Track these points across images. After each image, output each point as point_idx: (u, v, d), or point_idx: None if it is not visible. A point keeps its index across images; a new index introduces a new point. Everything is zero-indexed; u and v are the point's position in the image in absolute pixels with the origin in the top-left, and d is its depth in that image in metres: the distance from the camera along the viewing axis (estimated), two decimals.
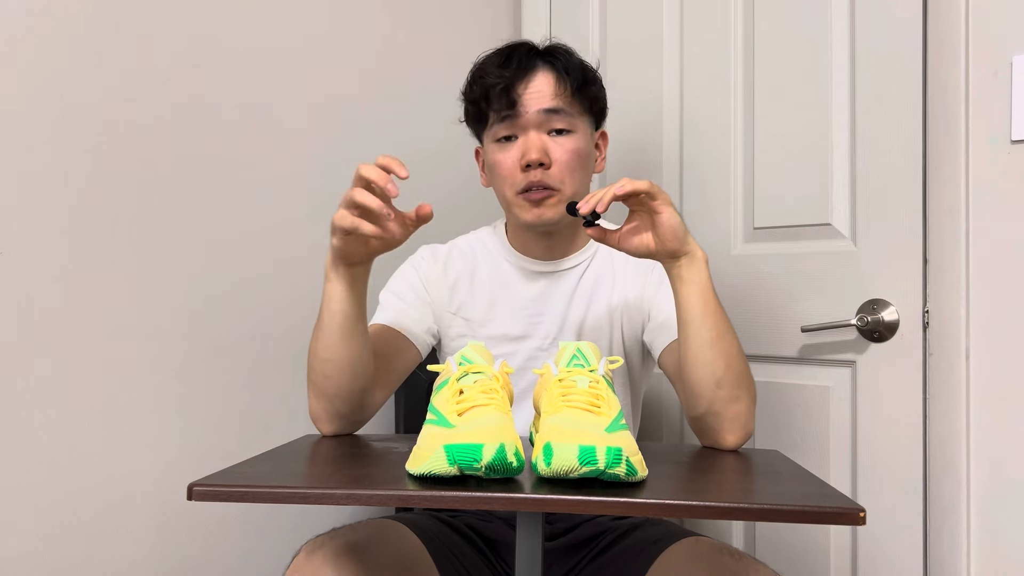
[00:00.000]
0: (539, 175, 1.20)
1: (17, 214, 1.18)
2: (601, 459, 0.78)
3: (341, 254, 1.03)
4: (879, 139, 1.39)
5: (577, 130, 1.23)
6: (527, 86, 1.21)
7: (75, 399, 1.24)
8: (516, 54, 1.23)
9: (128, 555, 1.29)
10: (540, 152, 1.20)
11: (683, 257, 1.06)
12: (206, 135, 1.39)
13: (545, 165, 1.20)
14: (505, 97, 1.20)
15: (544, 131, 1.21)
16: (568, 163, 1.21)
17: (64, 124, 1.22)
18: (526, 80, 1.21)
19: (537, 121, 1.21)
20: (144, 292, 1.31)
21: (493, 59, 1.24)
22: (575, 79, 1.22)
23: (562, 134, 1.22)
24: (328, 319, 1.07)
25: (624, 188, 1.01)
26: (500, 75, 1.21)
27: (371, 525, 1.10)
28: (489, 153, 1.27)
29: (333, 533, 1.04)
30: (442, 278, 1.31)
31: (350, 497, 0.81)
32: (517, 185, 1.22)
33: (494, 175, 1.26)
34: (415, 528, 1.12)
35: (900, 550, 1.36)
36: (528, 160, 1.20)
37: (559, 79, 1.21)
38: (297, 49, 1.52)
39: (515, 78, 1.20)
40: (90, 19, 1.25)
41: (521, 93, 1.20)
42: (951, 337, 1.31)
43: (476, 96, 1.24)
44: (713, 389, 1.07)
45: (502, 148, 1.23)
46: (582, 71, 1.24)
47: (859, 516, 0.76)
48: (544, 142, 1.21)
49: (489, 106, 1.22)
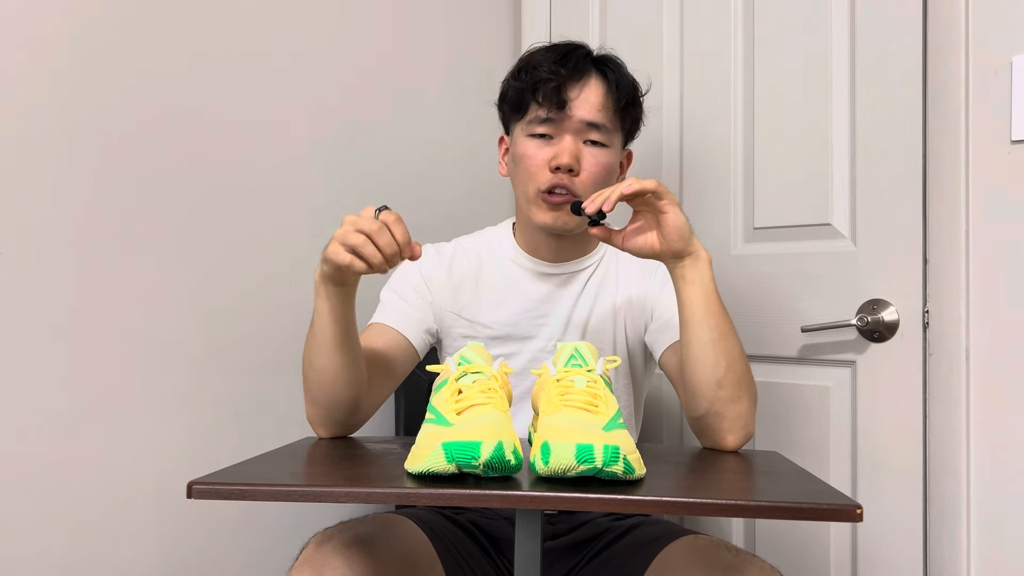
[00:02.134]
0: (566, 179, 1.20)
1: (17, 214, 1.18)
2: (599, 457, 0.78)
3: (330, 278, 1.04)
4: (879, 139, 1.39)
5: (611, 145, 1.24)
6: (579, 92, 1.20)
7: (75, 399, 1.24)
8: (574, 55, 1.22)
9: (128, 555, 1.29)
10: (573, 158, 1.20)
11: (687, 257, 1.06)
12: (208, 139, 1.39)
13: (575, 171, 1.20)
14: (556, 96, 1.19)
15: (581, 139, 1.21)
16: (596, 175, 1.21)
17: (66, 126, 1.23)
18: (580, 85, 1.20)
19: (578, 128, 1.21)
20: (144, 293, 1.31)
21: (548, 54, 1.23)
22: (624, 96, 1.23)
23: (597, 146, 1.22)
24: (319, 332, 1.08)
25: (631, 187, 1.01)
26: (554, 71, 1.20)
27: (378, 519, 1.11)
28: (518, 144, 1.25)
29: (341, 526, 1.05)
30: (446, 278, 1.31)
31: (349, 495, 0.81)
32: (541, 184, 1.21)
33: (519, 168, 1.25)
34: (420, 523, 1.13)
35: (900, 550, 1.36)
36: (559, 163, 1.19)
37: (608, 92, 1.22)
38: (300, 52, 1.52)
39: (569, 79, 1.20)
40: (93, 22, 1.25)
41: (572, 97, 1.20)
42: (951, 337, 1.31)
43: (523, 85, 1.22)
44: (714, 390, 1.07)
45: (535, 143, 1.23)
46: (631, 89, 1.25)
47: (856, 513, 0.77)
48: (579, 149, 1.21)
49: (534, 98, 1.21)
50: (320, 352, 1.08)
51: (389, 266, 1.00)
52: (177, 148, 1.35)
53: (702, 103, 1.64)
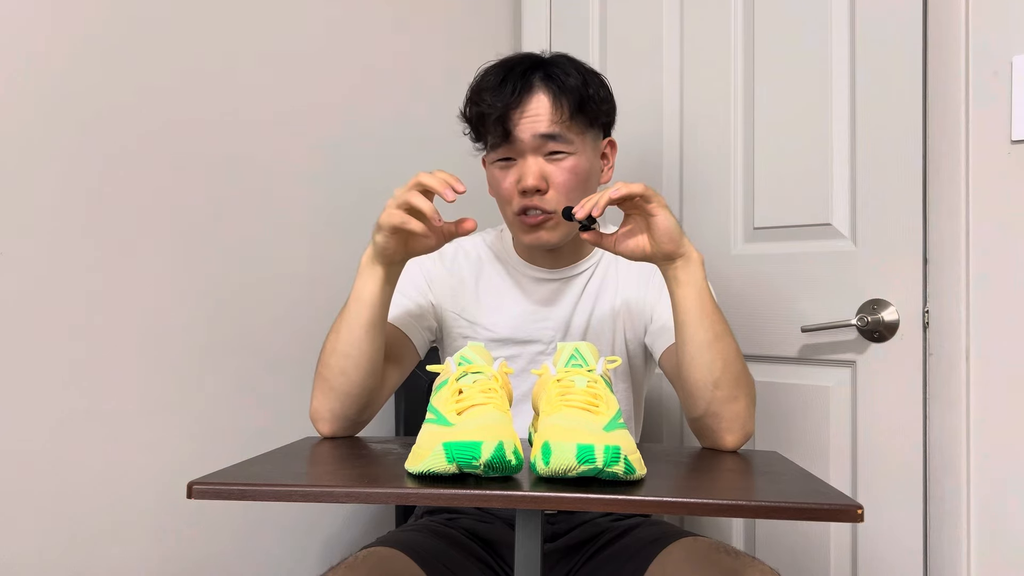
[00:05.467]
0: (535, 200, 1.20)
1: (17, 214, 1.18)
2: (599, 457, 0.78)
3: (382, 250, 1.07)
4: (879, 139, 1.39)
5: (578, 150, 1.21)
6: (523, 112, 1.18)
7: (75, 399, 1.24)
8: (512, 76, 1.19)
9: (128, 555, 1.29)
10: (536, 178, 1.18)
11: (679, 259, 1.07)
12: (209, 139, 1.39)
13: (542, 191, 1.20)
14: (500, 127, 1.18)
15: (541, 154, 1.20)
16: (566, 184, 1.20)
17: (66, 126, 1.22)
18: (521, 107, 1.18)
19: (534, 146, 1.19)
20: (145, 293, 1.31)
21: (490, 79, 1.21)
22: (573, 100, 1.19)
23: (560, 155, 1.20)
24: (356, 312, 1.10)
25: (619, 192, 1.02)
26: (494, 103, 1.18)
27: (368, 561, 1.06)
28: (488, 171, 1.28)
29: (331, 573, 1.02)
30: (447, 278, 1.31)
31: (349, 495, 0.81)
32: (515, 207, 1.22)
33: (495, 193, 1.27)
34: (411, 552, 1.10)
35: (900, 550, 1.36)
36: (524, 187, 1.19)
37: (555, 102, 1.18)
38: (300, 55, 1.52)
39: (509, 106, 1.18)
40: (96, 22, 1.25)
41: (517, 121, 1.18)
42: (951, 337, 1.31)
43: (472, 120, 1.24)
44: (711, 390, 1.07)
45: (501, 168, 1.23)
46: (580, 89, 1.20)
47: (857, 513, 0.76)
48: (541, 167, 1.19)
49: (485, 130, 1.22)
50: (350, 336, 1.10)
51: (443, 234, 1.08)
52: (177, 150, 1.35)
53: (702, 103, 1.64)
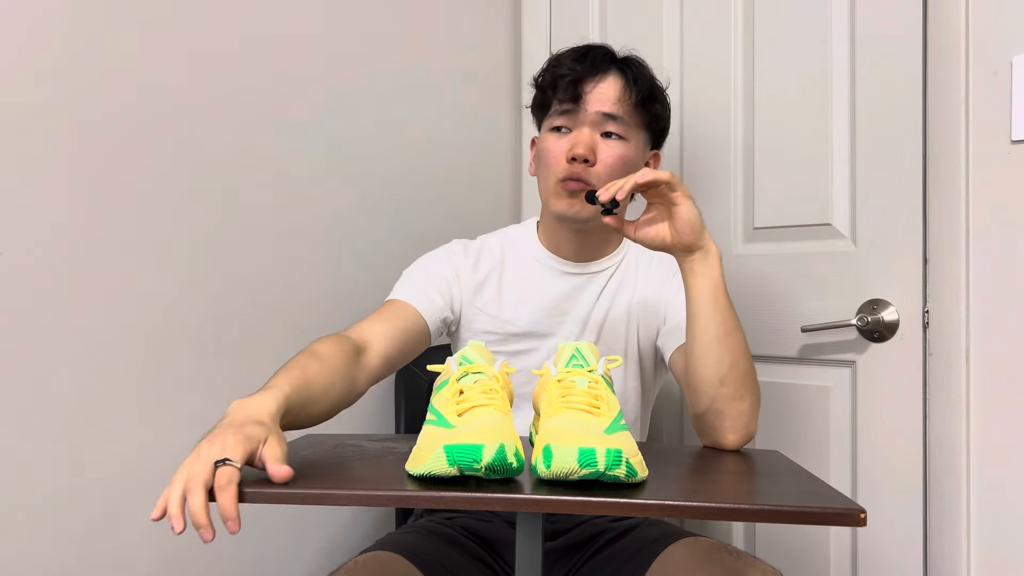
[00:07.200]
0: (581, 169, 1.23)
1: (17, 214, 1.18)
2: (601, 461, 0.78)
3: None
4: (879, 139, 1.39)
5: (630, 139, 1.26)
6: (595, 85, 1.24)
7: (75, 399, 1.24)
8: (593, 53, 1.27)
9: (128, 555, 1.29)
10: (588, 149, 1.22)
11: (697, 251, 1.08)
12: (204, 135, 1.38)
13: (590, 162, 1.23)
14: (571, 90, 1.24)
15: (598, 131, 1.25)
16: (612, 165, 1.23)
17: (63, 124, 1.22)
18: (595, 80, 1.24)
19: (594, 120, 1.24)
20: (145, 293, 1.31)
21: (570, 53, 1.28)
22: (641, 91, 1.25)
23: (613, 138, 1.25)
24: None
25: (645, 177, 1.02)
26: (571, 68, 1.24)
27: (368, 565, 1.05)
28: (542, 140, 1.30)
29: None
30: (471, 273, 1.32)
31: (350, 497, 0.81)
32: (559, 173, 1.24)
33: (541, 162, 1.29)
34: (411, 556, 1.09)
35: (900, 550, 1.36)
36: (575, 153, 1.22)
37: (625, 87, 1.24)
38: (299, 46, 1.51)
39: (585, 74, 1.24)
40: (91, 19, 1.24)
41: (587, 90, 1.24)
42: (951, 337, 1.31)
43: (545, 83, 1.28)
44: (716, 386, 1.07)
45: (555, 136, 1.27)
46: (649, 87, 1.27)
47: (860, 517, 0.76)
48: (595, 141, 1.24)
49: (554, 95, 1.26)
50: None
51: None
52: (174, 147, 1.34)
53: (702, 103, 1.63)
